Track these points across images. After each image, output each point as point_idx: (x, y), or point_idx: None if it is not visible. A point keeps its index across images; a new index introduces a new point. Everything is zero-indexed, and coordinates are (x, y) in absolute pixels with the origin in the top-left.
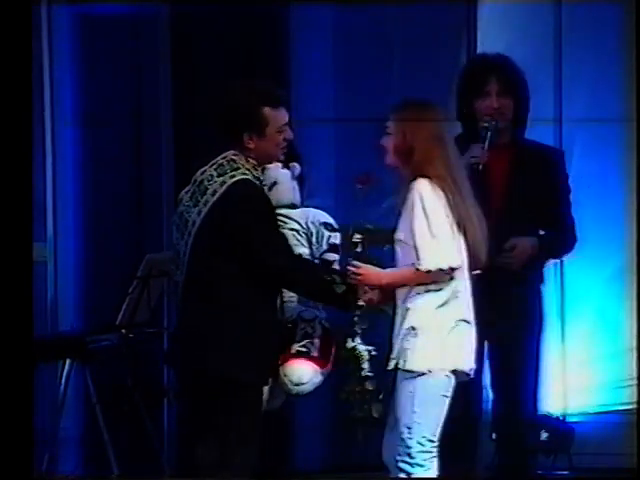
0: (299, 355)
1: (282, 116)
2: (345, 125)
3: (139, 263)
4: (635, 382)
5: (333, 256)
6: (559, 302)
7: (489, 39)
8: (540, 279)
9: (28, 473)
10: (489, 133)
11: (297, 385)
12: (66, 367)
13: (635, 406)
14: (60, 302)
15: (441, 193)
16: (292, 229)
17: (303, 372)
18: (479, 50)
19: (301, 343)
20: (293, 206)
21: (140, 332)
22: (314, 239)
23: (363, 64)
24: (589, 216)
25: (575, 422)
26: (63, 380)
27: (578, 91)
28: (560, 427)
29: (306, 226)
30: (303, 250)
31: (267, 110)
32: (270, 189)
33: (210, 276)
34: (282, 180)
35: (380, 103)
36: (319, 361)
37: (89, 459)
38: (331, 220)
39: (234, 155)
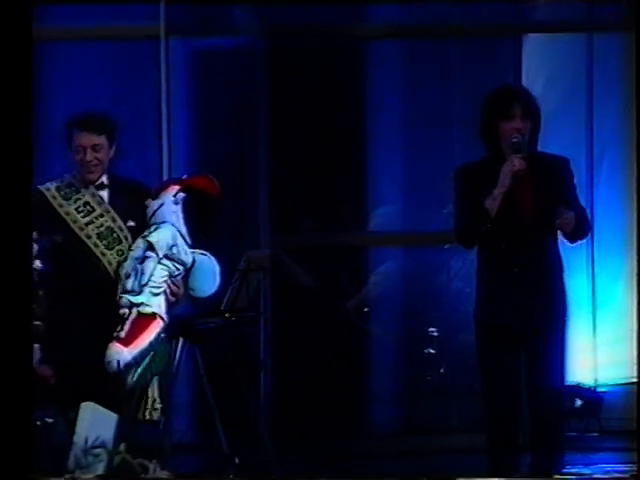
0: (113, 338)
1: (81, 138)
2: (413, 138)
3: (239, 259)
4: (635, 362)
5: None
6: (590, 289)
7: (532, 72)
8: (561, 267)
9: (28, 467)
10: (522, 145)
11: (107, 364)
12: (179, 344)
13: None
14: None
15: None
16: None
17: (109, 352)
18: (524, 81)
19: (118, 328)
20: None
21: (240, 316)
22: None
23: (427, 89)
24: (616, 214)
25: (604, 392)
26: (177, 355)
27: (607, 119)
28: (591, 396)
29: (173, 241)
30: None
31: (75, 131)
32: (158, 208)
33: None
34: (167, 204)
35: (439, 120)
36: (123, 341)
37: (197, 420)
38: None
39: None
